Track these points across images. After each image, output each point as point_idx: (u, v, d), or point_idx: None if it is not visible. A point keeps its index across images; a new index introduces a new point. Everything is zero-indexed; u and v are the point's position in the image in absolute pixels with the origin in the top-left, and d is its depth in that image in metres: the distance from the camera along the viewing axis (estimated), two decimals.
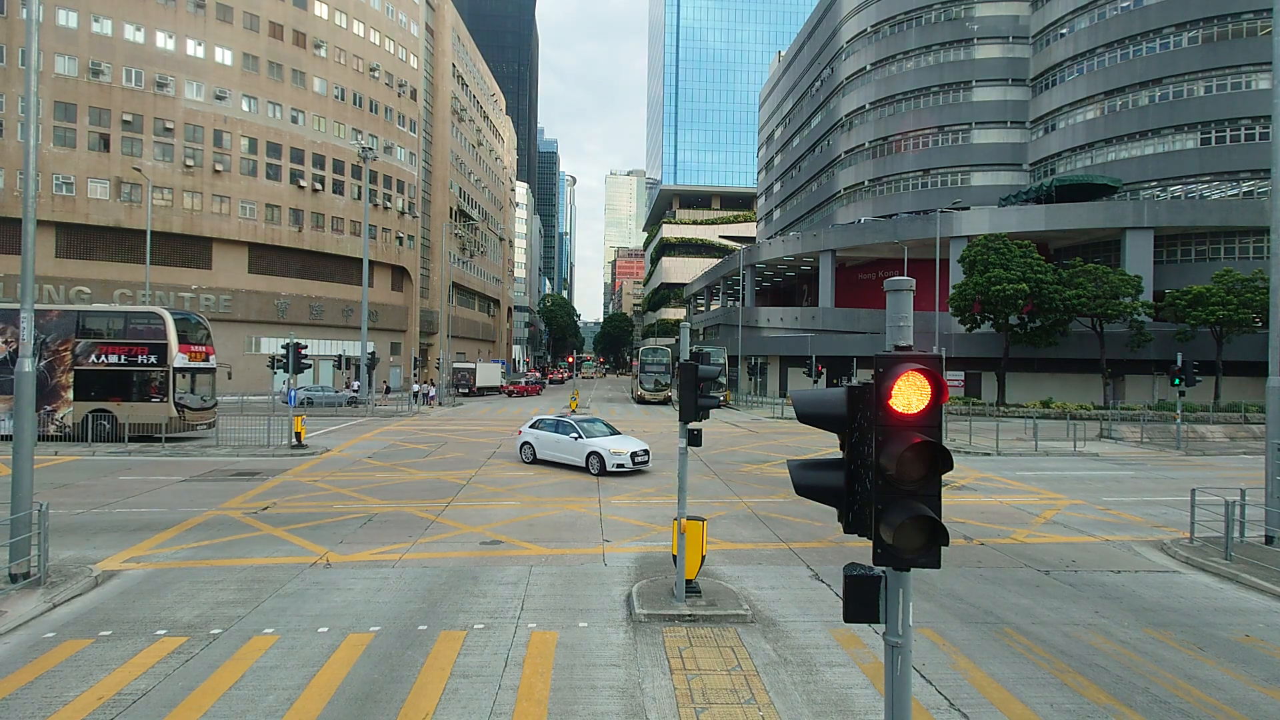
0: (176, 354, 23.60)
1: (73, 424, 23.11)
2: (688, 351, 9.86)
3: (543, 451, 20.29)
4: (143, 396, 23.37)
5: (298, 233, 52.82)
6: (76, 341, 23.15)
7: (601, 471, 18.71)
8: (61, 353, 23.05)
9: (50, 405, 23.01)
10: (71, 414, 23.16)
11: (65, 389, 23.12)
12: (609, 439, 19.63)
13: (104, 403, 23.25)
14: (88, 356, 23.16)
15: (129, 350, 23.32)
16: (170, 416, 23.46)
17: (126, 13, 45.27)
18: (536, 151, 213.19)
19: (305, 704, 6.51)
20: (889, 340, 3.77)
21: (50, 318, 23.23)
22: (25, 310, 9.77)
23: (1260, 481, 15.30)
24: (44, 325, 22.88)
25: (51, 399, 22.99)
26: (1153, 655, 7.95)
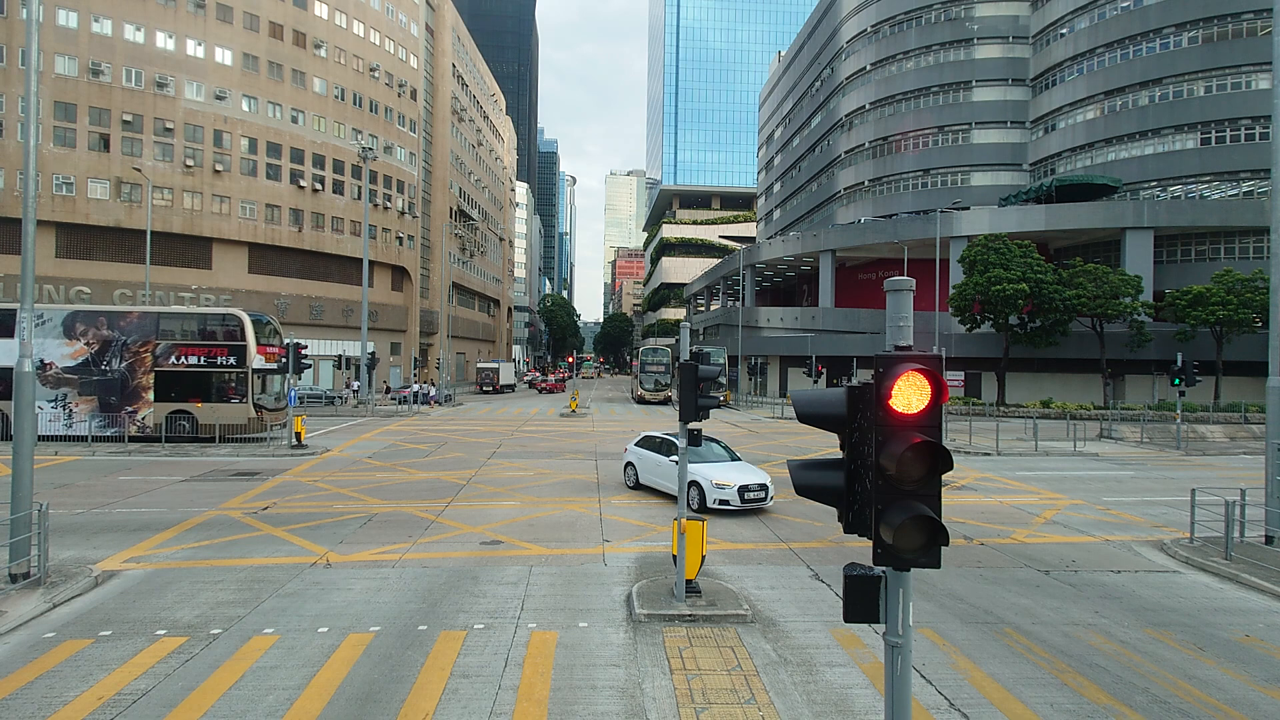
0: (255, 355, 23.75)
1: (153, 424, 23.26)
2: (688, 351, 9.85)
3: (645, 475, 16.79)
4: (222, 397, 23.53)
5: (298, 233, 52.82)
6: (156, 343, 23.34)
7: (702, 508, 14.49)
8: (142, 354, 23.24)
9: (131, 406, 23.21)
10: (152, 414, 23.33)
11: (146, 390, 23.30)
12: (716, 466, 15.26)
13: (184, 404, 23.47)
14: (167, 358, 23.34)
15: (208, 352, 23.50)
16: (250, 417, 23.66)
17: (126, 13, 45.25)
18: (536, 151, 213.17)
19: (305, 704, 6.51)
20: (889, 340, 3.77)
21: (130, 319, 23.54)
22: (25, 310, 9.77)
23: (1260, 481, 15.30)
24: (124, 327, 23.31)
25: (132, 400, 23.19)
26: (1153, 655, 7.95)
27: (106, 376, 23.13)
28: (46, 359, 22.84)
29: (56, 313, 23.52)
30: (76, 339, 23.10)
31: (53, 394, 22.98)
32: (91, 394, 23.13)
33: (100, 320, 23.42)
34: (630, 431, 30.98)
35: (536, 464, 20.97)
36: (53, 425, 22.87)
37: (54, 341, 23.03)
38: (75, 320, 23.28)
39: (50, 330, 23.08)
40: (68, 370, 23.04)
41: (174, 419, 23.42)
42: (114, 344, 23.11)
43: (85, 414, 23.05)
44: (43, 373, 22.76)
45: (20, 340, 9.77)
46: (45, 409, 22.65)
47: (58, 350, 22.99)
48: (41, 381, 22.62)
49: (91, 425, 22.96)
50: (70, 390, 23.07)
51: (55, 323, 23.20)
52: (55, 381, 23.02)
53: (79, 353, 23.07)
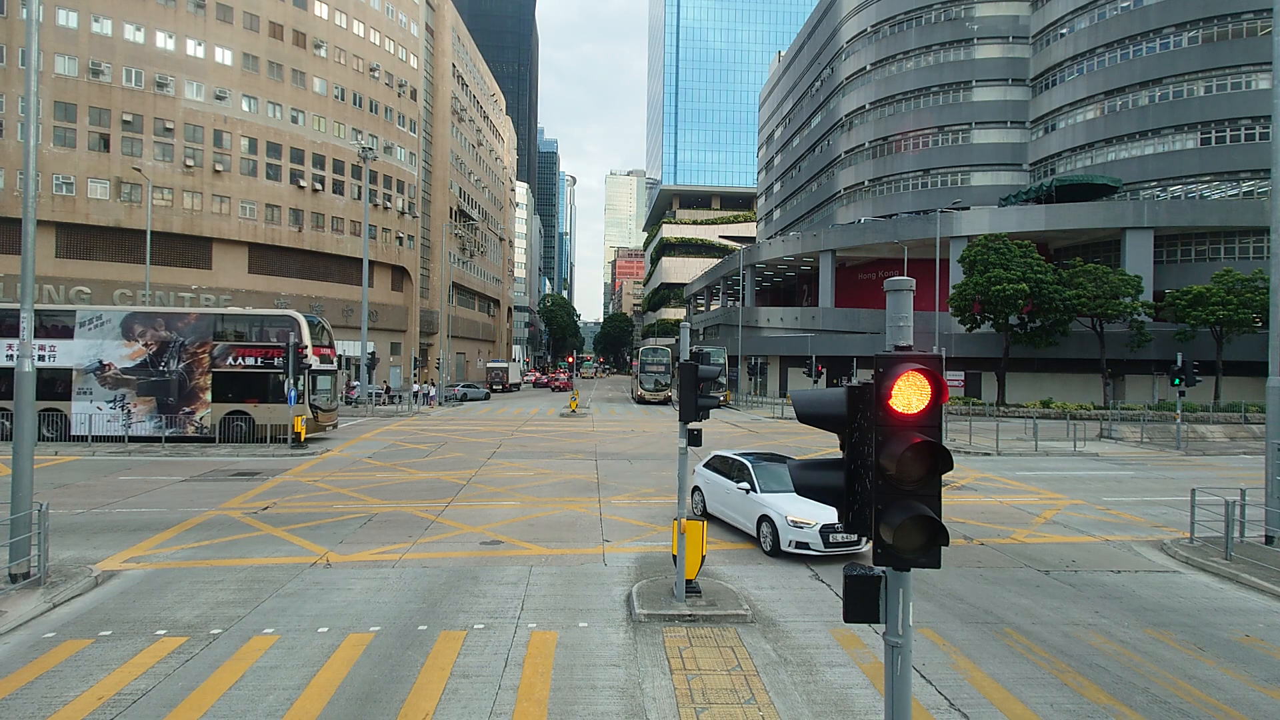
0: (310, 355, 23.83)
1: (211, 425, 23.39)
2: (688, 351, 9.84)
3: (713, 503, 13.95)
4: (278, 398, 23.55)
5: (298, 233, 52.82)
6: (214, 344, 23.44)
7: (775, 550, 11.50)
8: (200, 355, 23.36)
9: (189, 407, 23.34)
10: (210, 415, 23.45)
11: (203, 390, 23.44)
12: (793, 497, 11.74)
13: (241, 404, 23.58)
14: (224, 359, 23.46)
15: (265, 353, 23.58)
16: (306, 419, 23.75)
17: (126, 13, 45.26)
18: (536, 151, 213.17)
19: (305, 704, 6.51)
20: (889, 340, 3.77)
21: (188, 321, 23.64)
22: (25, 310, 9.76)
23: (1260, 481, 15.30)
24: (182, 329, 23.39)
25: (190, 400, 23.33)
26: (1153, 655, 7.95)
27: (164, 377, 23.29)
28: (105, 360, 23.03)
29: (115, 314, 23.62)
30: (135, 340, 23.20)
31: (111, 394, 23.11)
32: (150, 394, 23.26)
33: (158, 321, 23.57)
34: (630, 431, 30.98)
35: (537, 464, 20.97)
36: (111, 425, 23.04)
37: (112, 342, 23.12)
38: (134, 321, 23.38)
39: (109, 331, 23.19)
40: (126, 371, 23.14)
41: (231, 419, 23.55)
42: (172, 345, 23.30)
43: (144, 414, 23.19)
44: (101, 373, 23.08)
45: (21, 340, 9.76)
46: (104, 409, 22.99)
47: (116, 351, 23.09)
48: (100, 382, 23.05)
49: (149, 425, 23.20)
50: (129, 391, 23.16)
51: (114, 324, 23.28)
52: (114, 382, 23.13)
53: (137, 354, 23.18)
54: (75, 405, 23.02)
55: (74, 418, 22.95)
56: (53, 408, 22.96)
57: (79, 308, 24.25)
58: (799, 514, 11.41)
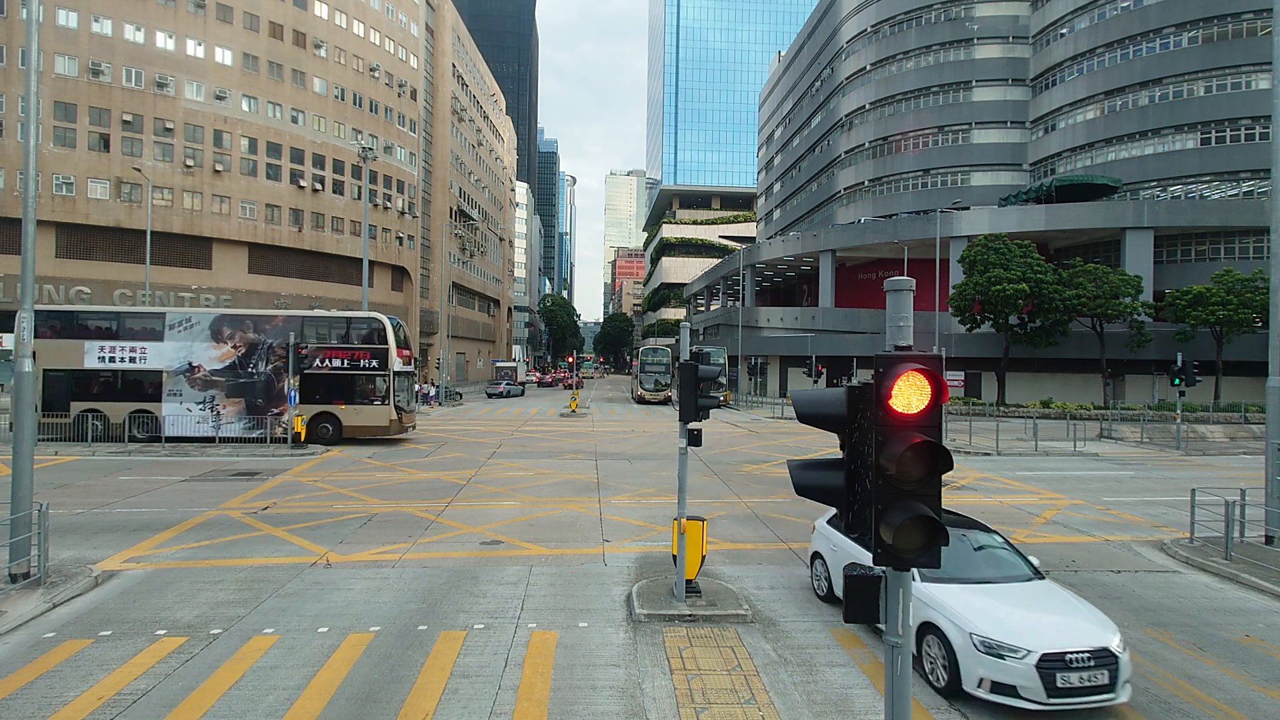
0: (395, 358, 23.91)
1: (300, 427, 23.29)
2: (688, 351, 9.85)
3: (840, 578, 8.83)
4: (364, 399, 23.78)
5: (298, 233, 52.83)
6: (302, 346, 23.49)
7: (953, 689, 6.76)
8: (287, 357, 23.36)
9: (278, 409, 23.45)
10: (298, 417, 23.42)
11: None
12: (988, 594, 7.26)
13: (328, 406, 23.72)
14: (312, 361, 23.53)
15: (351, 355, 23.72)
16: (391, 419, 23.82)
17: (126, 13, 45.26)
18: (536, 151, 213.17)
19: (305, 704, 6.51)
20: (889, 340, 3.77)
21: (276, 323, 23.78)
22: (25, 310, 9.76)
23: (1260, 481, 15.29)
24: (270, 330, 23.56)
25: (279, 402, 23.41)
26: (1153, 655, 7.95)
27: (253, 379, 23.45)
28: (195, 361, 23.27)
29: (204, 316, 23.83)
30: (223, 342, 23.42)
31: (201, 396, 23.32)
32: (238, 396, 23.46)
33: (246, 324, 23.73)
34: (630, 431, 30.98)
35: (537, 464, 20.97)
36: (201, 427, 23.26)
37: (202, 345, 23.35)
38: (222, 324, 23.60)
39: (198, 333, 23.40)
40: (215, 373, 23.33)
41: (318, 421, 23.69)
42: (260, 347, 23.47)
43: (232, 415, 23.42)
44: (191, 375, 23.30)
45: (19, 340, 9.76)
46: (194, 410, 23.26)
47: (205, 353, 23.32)
48: (190, 384, 23.29)
49: (237, 426, 23.44)
50: (217, 392, 23.38)
51: (203, 326, 23.49)
52: (203, 384, 23.34)
53: (226, 355, 23.38)
54: (166, 406, 23.31)
55: (165, 419, 23.22)
56: (144, 409, 23.32)
57: (169, 310, 24.57)
58: (997, 629, 6.57)
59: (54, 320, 23.90)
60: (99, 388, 23.39)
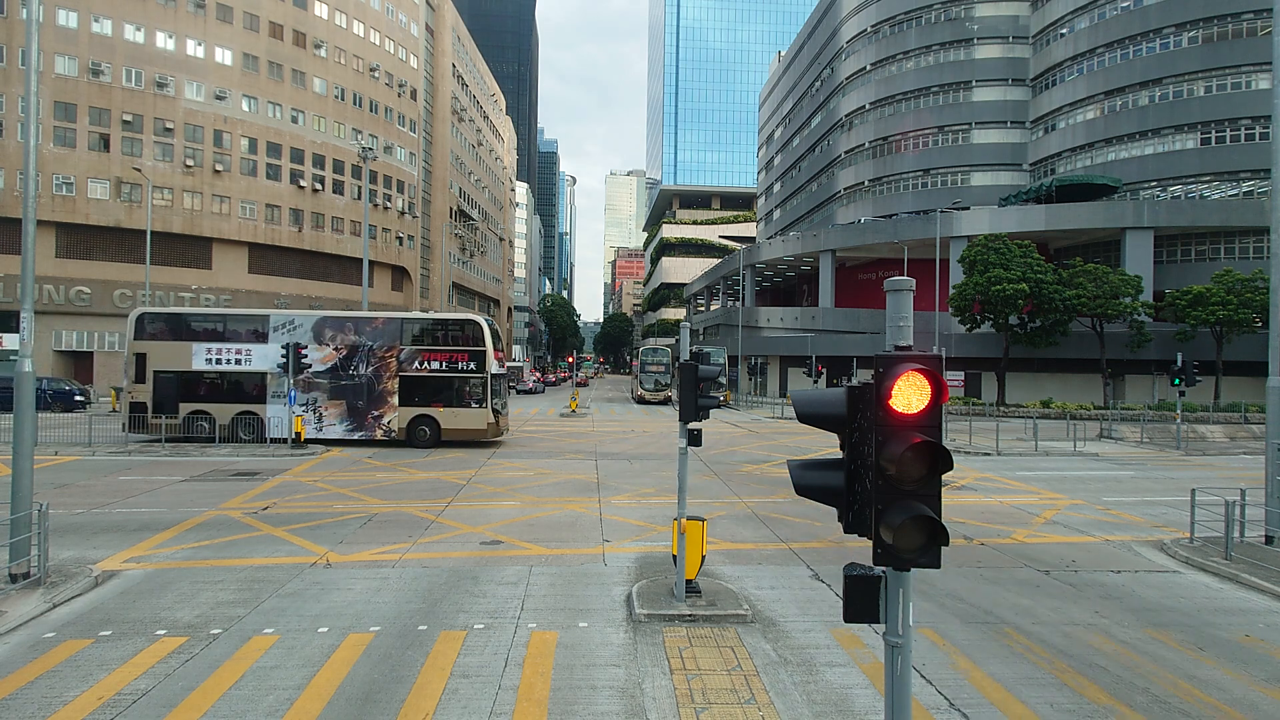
0: (493, 360, 23.78)
1: (398, 429, 23.43)
2: (688, 351, 9.84)
3: None
4: (462, 402, 23.53)
5: (298, 233, 52.83)
6: (401, 348, 23.45)
7: None
8: (387, 359, 23.39)
9: (378, 410, 23.44)
10: (397, 419, 23.46)
11: (391, 395, 23.44)
12: None
13: (427, 408, 23.52)
14: (411, 363, 23.43)
15: (450, 357, 23.53)
16: (489, 422, 23.60)
17: (126, 13, 45.27)
18: (536, 151, 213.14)
19: (305, 704, 6.51)
20: (889, 340, 3.77)
21: (376, 325, 23.77)
22: (25, 310, 9.76)
23: (1260, 481, 15.29)
24: (370, 332, 23.56)
25: (379, 404, 23.42)
26: (1153, 655, 7.95)
27: (354, 381, 23.50)
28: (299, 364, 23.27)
29: (307, 319, 23.93)
30: (325, 344, 23.48)
31: (304, 398, 23.39)
32: (340, 398, 23.52)
33: (347, 326, 23.79)
34: (630, 431, 30.95)
35: (536, 464, 20.97)
36: (304, 428, 23.31)
37: (306, 347, 23.29)
38: (324, 326, 23.68)
39: (301, 335, 23.40)
40: (317, 375, 23.38)
41: (416, 424, 23.53)
42: (360, 349, 23.49)
43: (334, 418, 23.49)
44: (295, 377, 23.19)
45: (21, 340, 9.75)
46: (297, 412, 23.27)
47: (310, 355, 23.24)
48: (293, 385, 23.11)
49: (339, 428, 23.51)
50: (320, 394, 23.47)
51: (305, 328, 23.55)
52: (306, 386, 23.38)
53: (328, 358, 23.42)
54: (270, 408, 23.43)
55: (269, 420, 23.36)
56: (249, 411, 23.50)
57: (272, 312, 24.53)
58: None
59: (162, 322, 24.20)
60: (206, 389, 23.61)
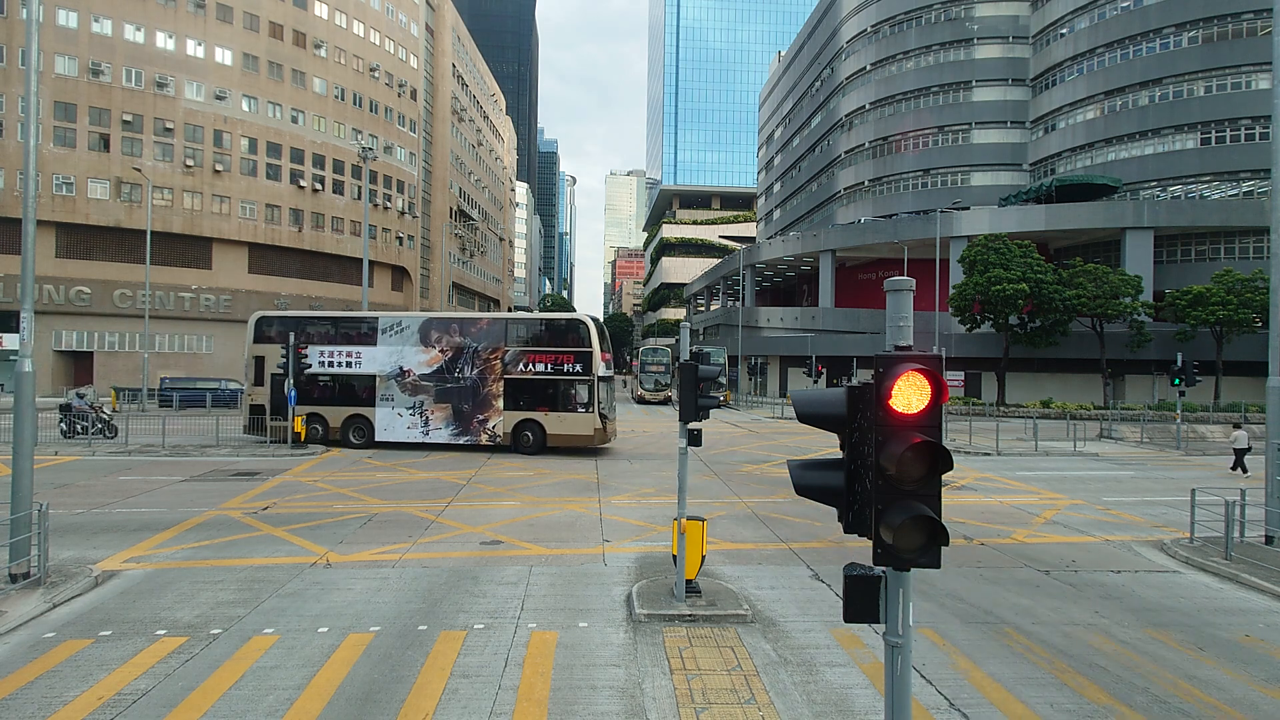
0: (600, 362, 22.58)
1: (503, 434, 22.63)
2: (688, 351, 9.84)
3: None
4: (568, 406, 22.48)
5: (298, 233, 52.83)
6: (505, 350, 22.60)
7: None
8: (492, 362, 22.58)
9: (482, 414, 22.70)
10: (502, 424, 22.67)
11: (496, 398, 22.66)
12: None
13: (532, 413, 22.58)
14: (516, 365, 22.54)
15: (555, 359, 22.44)
16: (596, 428, 22.43)
17: (126, 13, 45.27)
18: (536, 151, 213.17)
19: (305, 704, 6.51)
20: (889, 340, 3.77)
21: (481, 326, 23.18)
22: (25, 310, 9.76)
23: (1260, 481, 15.30)
24: (475, 334, 22.88)
25: (484, 408, 22.68)
26: (1153, 655, 7.95)
27: (459, 384, 22.87)
28: (405, 366, 22.99)
29: (413, 320, 23.49)
30: (431, 346, 22.92)
31: (410, 401, 22.98)
32: (445, 401, 22.89)
33: (453, 327, 23.23)
34: (630, 431, 30.94)
35: (536, 463, 20.97)
36: (410, 432, 23.03)
37: (411, 349, 23.01)
38: (430, 327, 23.14)
39: (408, 338, 23.07)
40: (423, 378, 22.91)
41: (521, 429, 22.63)
42: (465, 351, 22.84)
43: (440, 421, 22.90)
44: (402, 380, 23.02)
45: (21, 340, 9.75)
46: (404, 416, 23.01)
47: (415, 357, 22.95)
48: (400, 389, 23.02)
49: (444, 433, 22.96)
50: (426, 398, 22.92)
51: (412, 330, 23.14)
52: (413, 389, 22.97)
53: (433, 360, 22.88)
54: (378, 411, 23.14)
55: (377, 424, 23.12)
56: (358, 414, 23.27)
57: (380, 315, 24.11)
58: None
59: (278, 325, 24.07)
60: (319, 392, 23.46)
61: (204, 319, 48.77)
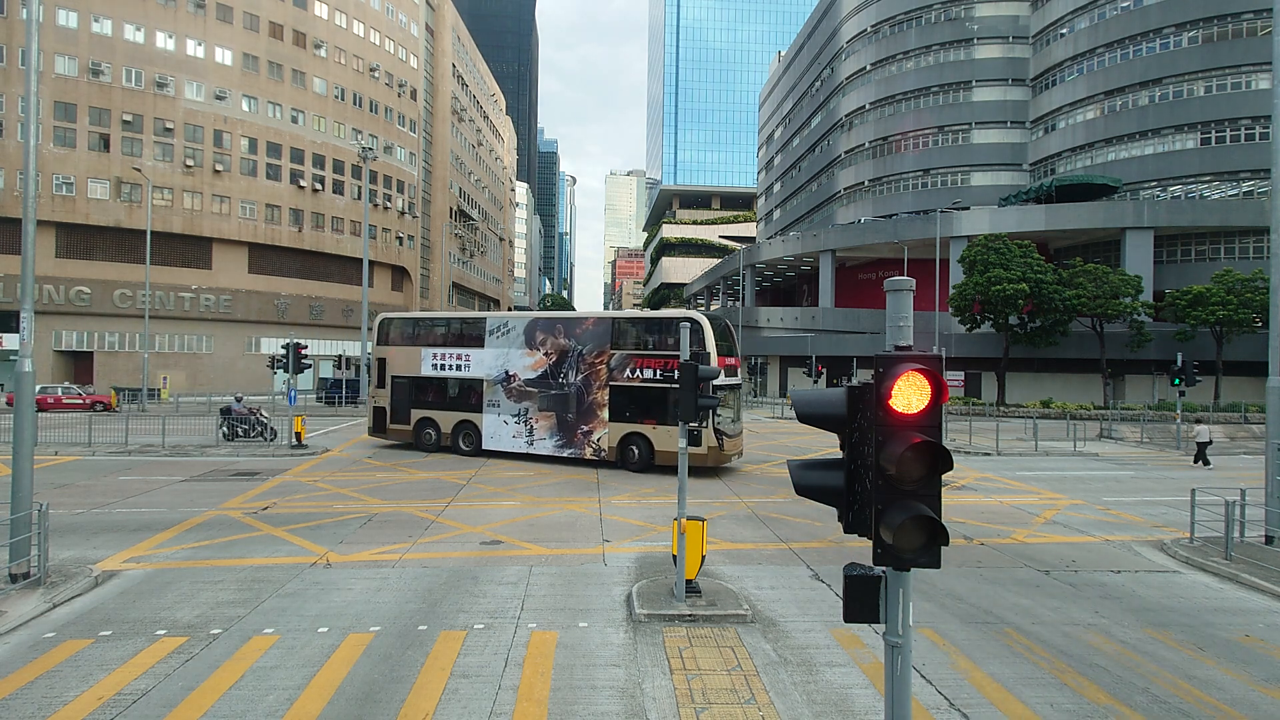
0: (716, 368, 18.20)
1: (608, 448, 19.92)
2: (688, 351, 9.86)
3: None
4: (677, 419, 19.02)
5: (298, 233, 52.83)
6: (611, 354, 19.90)
7: None
8: (597, 366, 20.03)
9: (587, 425, 20.27)
10: (607, 437, 19.96)
11: (601, 408, 20.02)
12: None
13: (638, 425, 19.67)
14: (621, 371, 19.78)
15: (664, 364, 19.25)
16: (710, 446, 19.11)
17: (126, 13, 45.28)
18: (536, 151, 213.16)
19: (305, 704, 6.51)
20: (889, 340, 3.77)
21: (586, 326, 20.61)
22: (25, 310, 9.76)
23: (1260, 481, 15.29)
24: (580, 335, 20.46)
25: (587, 419, 20.24)
26: (1153, 655, 7.95)
27: (563, 391, 20.70)
28: (511, 370, 21.27)
29: (519, 321, 21.66)
30: (536, 349, 20.97)
31: (515, 407, 21.18)
32: (549, 410, 20.78)
33: (557, 328, 21.08)
34: None
35: (536, 463, 20.96)
36: (516, 441, 21.24)
37: (517, 351, 21.28)
38: (535, 328, 21.19)
39: (514, 339, 21.37)
40: (528, 383, 21.00)
41: (627, 443, 19.77)
42: (570, 354, 20.60)
43: (544, 431, 20.80)
44: (508, 385, 21.33)
45: (21, 340, 9.75)
46: (509, 423, 21.32)
47: (520, 361, 21.18)
48: (506, 394, 21.38)
49: (548, 443, 20.84)
50: (530, 404, 20.98)
51: (518, 331, 21.37)
52: (518, 395, 21.17)
53: (538, 364, 20.90)
54: (485, 418, 21.62)
55: (484, 430, 21.63)
56: (467, 420, 21.91)
57: (489, 315, 22.64)
58: None
59: (399, 326, 23.41)
60: (433, 395, 22.47)
61: (204, 319, 48.78)
